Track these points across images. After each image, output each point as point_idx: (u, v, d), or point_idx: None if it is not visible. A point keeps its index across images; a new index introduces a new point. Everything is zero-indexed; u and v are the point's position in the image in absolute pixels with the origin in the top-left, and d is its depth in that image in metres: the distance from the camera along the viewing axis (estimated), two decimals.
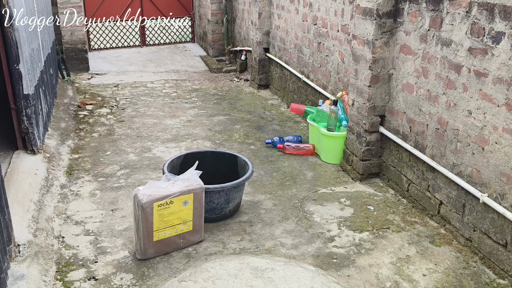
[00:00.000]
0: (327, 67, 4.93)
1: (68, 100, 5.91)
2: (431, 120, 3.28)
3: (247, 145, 4.71)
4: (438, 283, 2.71)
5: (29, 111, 3.80)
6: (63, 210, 3.44)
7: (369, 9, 3.59)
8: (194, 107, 5.91)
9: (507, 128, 2.65)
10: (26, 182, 3.44)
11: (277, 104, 6.08)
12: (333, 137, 4.24)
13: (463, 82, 2.95)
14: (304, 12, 5.33)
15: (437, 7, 3.12)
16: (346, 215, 3.43)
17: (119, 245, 3.06)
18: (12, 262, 2.61)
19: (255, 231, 3.23)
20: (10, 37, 3.58)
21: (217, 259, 2.89)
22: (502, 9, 2.60)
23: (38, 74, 4.40)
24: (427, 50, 3.26)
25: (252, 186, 3.86)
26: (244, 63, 7.64)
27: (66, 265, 2.85)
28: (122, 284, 2.69)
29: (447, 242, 3.09)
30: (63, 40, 7.47)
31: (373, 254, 2.98)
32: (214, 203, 3.21)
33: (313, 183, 3.93)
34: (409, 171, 3.58)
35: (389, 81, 3.71)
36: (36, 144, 3.94)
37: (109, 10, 8.70)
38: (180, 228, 2.95)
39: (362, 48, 3.74)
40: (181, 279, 2.68)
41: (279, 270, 2.73)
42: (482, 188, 2.87)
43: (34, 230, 2.98)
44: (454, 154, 3.09)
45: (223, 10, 8.00)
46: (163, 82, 7.14)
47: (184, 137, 4.88)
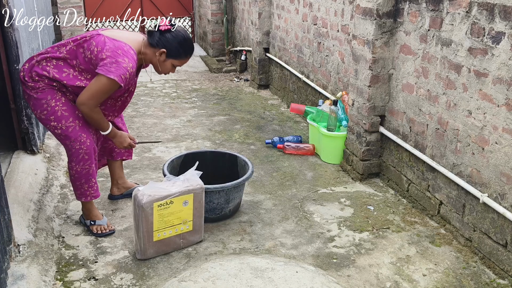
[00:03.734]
0: (327, 67, 4.93)
1: None
2: (431, 120, 3.28)
3: (247, 145, 4.72)
4: (438, 283, 2.71)
5: (29, 111, 3.80)
6: (63, 210, 3.44)
7: (369, 9, 3.59)
8: (194, 107, 5.91)
9: (507, 128, 2.65)
10: (26, 182, 3.44)
11: (277, 104, 6.08)
12: (333, 137, 4.24)
13: (463, 82, 2.95)
14: (304, 12, 5.33)
15: (437, 7, 3.12)
16: (346, 215, 3.43)
17: (119, 245, 3.06)
18: (12, 262, 2.61)
19: (255, 231, 3.23)
20: (10, 37, 3.57)
21: (217, 259, 2.89)
22: (502, 9, 2.60)
23: None
24: (427, 50, 3.26)
25: (252, 186, 3.86)
26: (244, 63, 7.64)
27: (66, 265, 2.85)
28: (122, 284, 2.69)
29: (447, 242, 3.09)
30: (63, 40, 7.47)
31: (373, 254, 2.98)
32: (214, 203, 3.21)
33: (313, 183, 3.93)
34: (409, 171, 3.58)
35: (389, 81, 3.71)
36: (36, 144, 3.94)
37: (109, 10, 8.70)
38: (180, 228, 2.95)
39: (362, 48, 3.74)
40: (181, 279, 2.68)
41: (279, 270, 2.73)
42: (482, 188, 2.87)
43: (34, 230, 2.98)
44: (454, 154, 3.09)
45: (223, 10, 8.00)
46: (163, 82, 7.14)
47: (184, 137, 4.88)
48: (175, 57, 2.95)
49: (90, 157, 3.00)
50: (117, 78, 2.72)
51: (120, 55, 2.76)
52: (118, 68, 2.73)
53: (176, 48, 2.92)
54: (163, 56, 2.93)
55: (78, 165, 3.00)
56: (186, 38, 2.95)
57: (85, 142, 2.96)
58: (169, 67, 2.99)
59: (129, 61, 2.78)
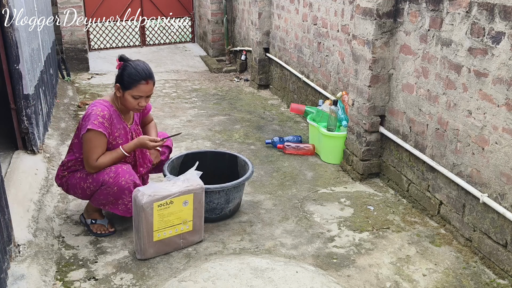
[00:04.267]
0: (327, 67, 4.93)
1: (68, 100, 5.91)
2: (431, 120, 3.28)
3: (247, 145, 4.72)
4: (438, 283, 2.71)
5: (29, 111, 3.80)
6: (63, 210, 3.44)
7: (369, 9, 3.59)
8: (194, 107, 5.91)
9: (507, 128, 2.65)
10: (26, 182, 3.44)
11: (277, 104, 6.08)
12: (333, 137, 4.24)
13: (463, 82, 2.95)
14: (304, 12, 5.33)
15: (437, 7, 3.12)
16: (346, 215, 3.43)
17: (119, 245, 3.06)
18: (12, 262, 2.61)
19: (255, 231, 3.23)
20: (10, 37, 3.58)
21: (217, 259, 2.89)
22: (502, 9, 2.60)
23: (38, 74, 4.40)
24: (427, 50, 3.26)
25: (252, 186, 3.86)
26: (244, 63, 7.64)
27: (66, 265, 2.85)
28: (122, 284, 2.69)
29: (447, 242, 3.09)
30: (63, 40, 7.47)
31: (373, 254, 2.98)
32: (214, 203, 3.21)
33: (313, 183, 3.93)
34: (409, 171, 3.58)
35: (389, 81, 3.71)
36: (36, 144, 3.94)
37: (109, 10, 8.70)
38: (180, 228, 2.95)
39: (362, 48, 3.74)
40: (181, 279, 2.68)
41: (279, 270, 2.73)
42: (482, 188, 2.87)
43: (34, 230, 2.98)
44: (454, 154, 3.09)
45: (223, 10, 8.00)
46: (163, 82, 7.14)
47: (184, 137, 4.88)
48: (128, 88, 2.93)
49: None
50: (91, 125, 2.86)
51: (89, 110, 2.95)
52: (89, 119, 2.89)
53: (126, 78, 2.93)
54: (120, 92, 2.97)
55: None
56: (134, 66, 2.94)
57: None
58: (131, 100, 2.95)
59: (97, 108, 2.93)
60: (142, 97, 2.97)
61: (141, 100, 2.98)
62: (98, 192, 2.98)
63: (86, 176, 3.00)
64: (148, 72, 2.97)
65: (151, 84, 2.99)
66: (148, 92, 2.98)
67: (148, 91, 2.97)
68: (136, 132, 3.18)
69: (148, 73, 2.96)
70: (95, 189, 2.98)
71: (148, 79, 2.95)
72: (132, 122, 3.17)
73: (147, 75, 2.95)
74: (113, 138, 3.00)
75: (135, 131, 3.17)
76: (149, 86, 2.97)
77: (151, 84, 2.99)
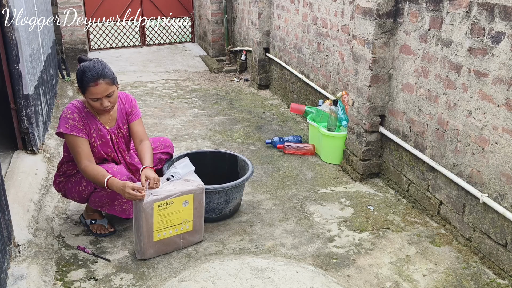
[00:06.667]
0: (327, 67, 4.93)
1: (68, 100, 5.91)
2: (431, 120, 3.29)
3: (247, 145, 4.72)
4: (438, 283, 2.71)
5: (29, 111, 3.80)
6: (63, 210, 3.44)
7: (369, 9, 3.59)
8: (194, 107, 5.91)
9: (507, 128, 2.65)
10: (26, 182, 3.44)
11: (277, 104, 6.08)
12: (333, 137, 4.24)
13: (463, 82, 2.95)
14: (304, 12, 5.33)
15: (437, 7, 3.12)
16: (346, 215, 3.43)
17: (119, 245, 3.06)
18: (12, 262, 2.61)
19: (255, 231, 3.23)
20: (10, 37, 3.58)
21: (217, 259, 2.89)
22: (502, 9, 2.60)
23: (38, 74, 4.40)
24: (427, 50, 3.26)
25: (252, 186, 3.86)
26: (244, 63, 7.64)
27: (66, 265, 2.86)
28: (122, 284, 2.69)
29: (447, 242, 3.09)
30: (63, 40, 7.48)
31: (373, 254, 2.98)
32: (214, 203, 3.21)
33: (313, 183, 3.93)
34: (409, 171, 3.58)
35: (389, 81, 3.71)
36: (36, 144, 3.94)
37: (109, 10, 8.70)
38: (180, 228, 2.95)
39: (362, 48, 3.74)
40: (181, 279, 2.68)
41: (279, 270, 2.73)
42: (482, 188, 2.87)
43: (34, 230, 2.98)
44: (454, 154, 3.09)
45: (223, 10, 8.00)
46: (163, 82, 7.14)
47: (184, 137, 4.88)
48: (83, 92, 2.83)
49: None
50: (62, 129, 2.87)
51: (62, 112, 2.94)
52: (60, 122, 2.90)
53: (78, 83, 2.85)
54: (82, 95, 2.91)
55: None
56: (82, 69, 2.79)
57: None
58: (92, 103, 2.85)
59: (67, 111, 2.91)
60: (100, 99, 2.81)
61: (101, 101, 2.82)
62: (93, 195, 2.99)
63: (80, 179, 3.01)
64: (96, 74, 2.75)
65: (103, 84, 2.77)
66: (103, 92, 2.79)
67: (101, 92, 2.78)
68: (116, 135, 3.06)
69: (95, 75, 2.75)
70: (90, 192, 2.99)
71: (96, 80, 2.75)
72: (114, 124, 3.06)
73: (95, 77, 2.75)
74: (94, 140, 2.96)
75: (115, 134, 3.06)
76: (99, 87, 2.76)
77: (103, 84, 2.77)
